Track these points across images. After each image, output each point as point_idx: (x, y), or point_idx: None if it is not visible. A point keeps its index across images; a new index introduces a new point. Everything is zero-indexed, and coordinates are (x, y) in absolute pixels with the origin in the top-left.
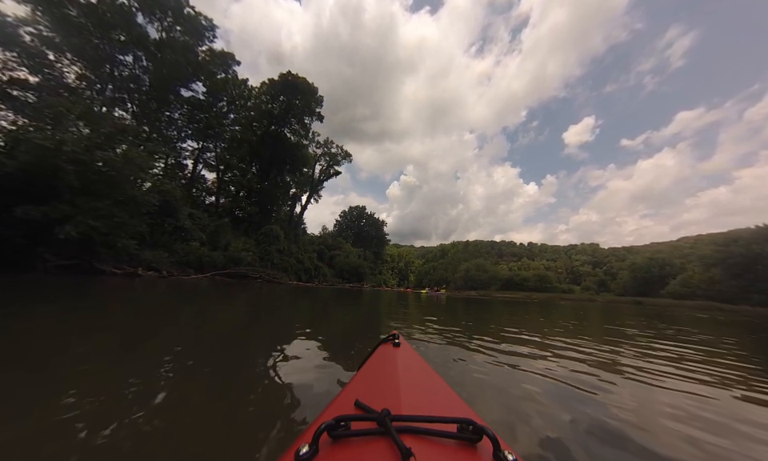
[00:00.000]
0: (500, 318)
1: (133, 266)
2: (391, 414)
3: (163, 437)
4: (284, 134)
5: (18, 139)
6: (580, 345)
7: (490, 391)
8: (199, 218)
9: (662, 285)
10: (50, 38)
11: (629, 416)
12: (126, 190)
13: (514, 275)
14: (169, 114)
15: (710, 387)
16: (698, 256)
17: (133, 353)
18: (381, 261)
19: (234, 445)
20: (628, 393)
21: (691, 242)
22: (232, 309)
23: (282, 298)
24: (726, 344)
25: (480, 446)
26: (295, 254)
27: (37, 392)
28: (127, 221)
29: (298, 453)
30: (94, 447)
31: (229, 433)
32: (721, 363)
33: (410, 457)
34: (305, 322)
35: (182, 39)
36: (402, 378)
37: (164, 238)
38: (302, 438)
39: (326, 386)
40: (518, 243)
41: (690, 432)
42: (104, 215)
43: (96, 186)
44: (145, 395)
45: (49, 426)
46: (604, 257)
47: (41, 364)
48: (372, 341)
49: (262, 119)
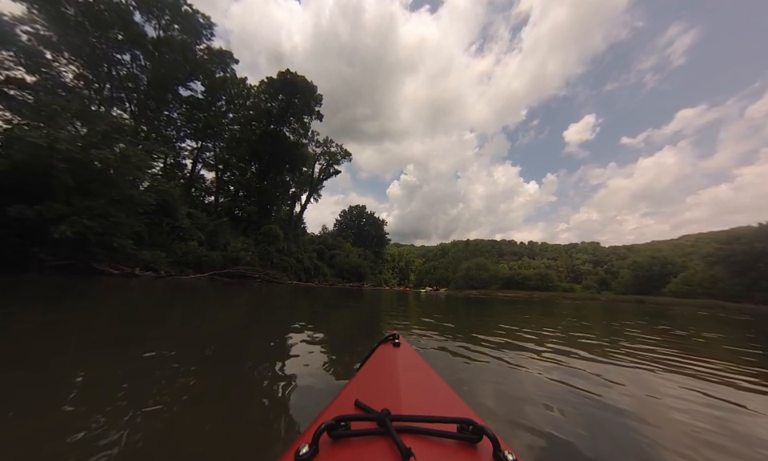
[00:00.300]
0: (500, 317)
1: (130, 266)
2: (391, 414)
3: (163, 437)
4: (283, 133)
5: (12, 138)
6: (582, 344)
7: (490, 391)
8: (198, 218)
9: (663, 283)
10: (47, 37)
11: (630, 416)
12: (122, 190)
13: (515, 274)
14: (167, 114)
15: (720, 387)
16: (700, 254)
17: (131, 353)
18: (381, 260)
19: (234, 445)
20: (632, 394)
21: (692, 241)
22: (230, 309)
23: (281, 298)
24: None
25: (480, 446)
26: (295, 253)
27: (36, 392)
28: (123, 220)
29: (298, 453)
30: (93, 448)
31: (229, 433)
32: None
33: (410, 457)
34: (304, 322)
35: (179, 38)
36: (402, 378)
37: (162, 237)
38: (302, 438)
39: (326, 386)
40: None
41: (697, 434)
42: (100, 215)
43: (92, 185)
44: (144, 396)
45: (48, 426)
46: (605, 256)
47: (39, 364)
48: (372, 341)
49: (260, 118)
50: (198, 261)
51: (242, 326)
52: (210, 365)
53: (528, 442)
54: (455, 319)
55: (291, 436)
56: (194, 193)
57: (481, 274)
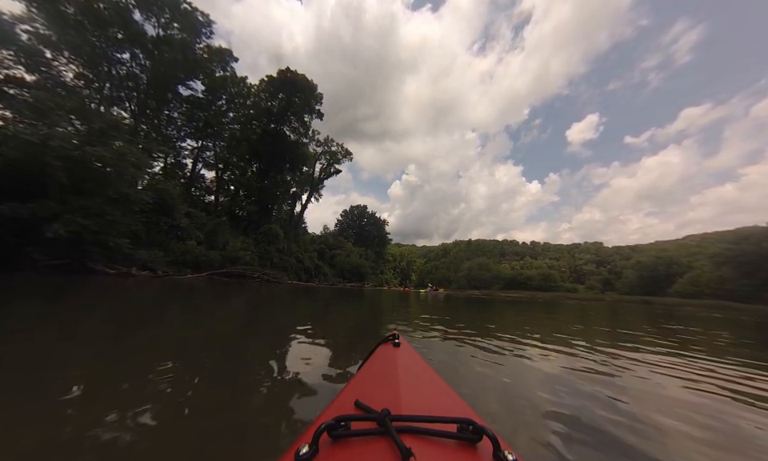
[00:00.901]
0: (502, 319)
1: (126, 265)
2: (391, 414)
3: (162, 438)
4: (283, 132)
5: (6, 135)
6: (588, 346)
7: (491, 391)
8: (197, 217)
9: (668, 284)
10: (47, 36)
11: (633, 420)
12: (118, 188)
13: (517, 274)
14: (168, 113)
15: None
16: (707, 254)
17: (130, 353)
18: (383, 260)
19: (234, 445)
20: (638, 397)
21: (697, 241)
22: (229, 308)
23: (280, 297)
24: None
25: (480, 446)
26: (295, 253)
27: (34, 394)
28: (120, 219)
29: (298, 453)
30: (91, 449)
31: (229, 433)
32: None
33: (410, 457)
34: (304, 322)
35: (179, 37)
36: (401, 378)
37: (160, 237)
38: (302, 438)
39: (325, 386)
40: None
41: (700, 437)
42: (95, 213)
43: (87, 184)
44: (144, 396)
45: (45, 428)
46: (608, 256)
47: (38, 364)
48: (371, 341)
49: (261, 117)
50: (196, 260)
51: (242, 326)
52: (209, 365)
53: (528, 443)
54: (453, 322)
55: (291, 436)
56: (194, 192)
57: (483, 274)
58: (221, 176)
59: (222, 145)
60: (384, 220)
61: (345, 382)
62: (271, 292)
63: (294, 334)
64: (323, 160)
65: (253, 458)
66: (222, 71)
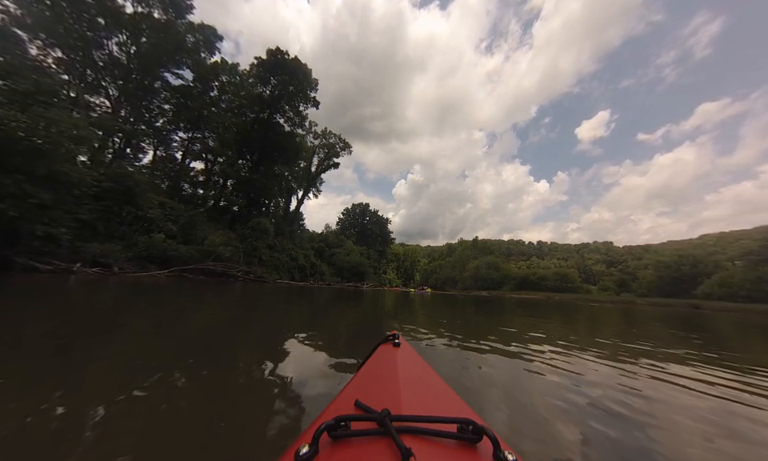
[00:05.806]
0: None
1: (66, 261)
2: (391, 414)
3: (162, 439)
4: (276, 122)
5: None
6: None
7: (491, 392)
8: (172, 208)
9: (693, 285)
10: (20, 17)
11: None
12: (47, 164)
13: (530, 274)
14: (158, 104)
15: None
16: (740, 252)
17: (128, 354)
18: (385, 260)
19: (234, 445)
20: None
21: (714, 240)
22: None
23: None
24: None
25: (480, 446)
26: (288, 250)
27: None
28: (51, 204)
29: (298, 453)
30: (91, 448)
31: (228, 434)
32: None
33: (410, 457)
34: (303, 321)
35: (163, 18)
36: (402, 379)
37: (122, 229)
38: (302, 438)
39: (325, 386)
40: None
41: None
42: (13, 194)
43: (4, 157)
44: (143, 397)
45: (36, 430)
46: (619, 256)
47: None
48: (371, 340)
49: (252, 105)
50: (163, 255)
51: (241, 325)
52: (209, 366)
53: (528, 443)
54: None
55: (291, 436)
56: (182, 186)
57: (491, 274)
58: (210, 168)
59: (213, 135)
60: (387, 219)
61: (345, 382)
62: (250, 293)
63: (294, 334)
64: (321, 153)
65: (253, 458)
66: (208, 52)
